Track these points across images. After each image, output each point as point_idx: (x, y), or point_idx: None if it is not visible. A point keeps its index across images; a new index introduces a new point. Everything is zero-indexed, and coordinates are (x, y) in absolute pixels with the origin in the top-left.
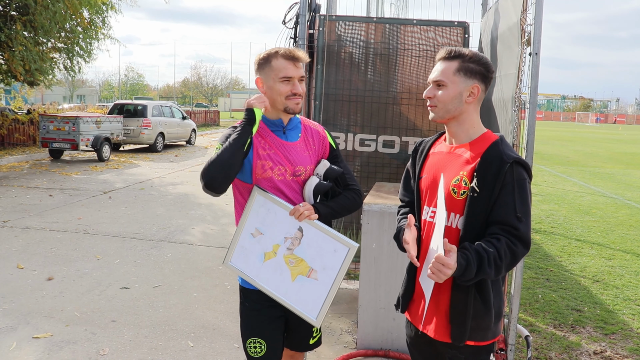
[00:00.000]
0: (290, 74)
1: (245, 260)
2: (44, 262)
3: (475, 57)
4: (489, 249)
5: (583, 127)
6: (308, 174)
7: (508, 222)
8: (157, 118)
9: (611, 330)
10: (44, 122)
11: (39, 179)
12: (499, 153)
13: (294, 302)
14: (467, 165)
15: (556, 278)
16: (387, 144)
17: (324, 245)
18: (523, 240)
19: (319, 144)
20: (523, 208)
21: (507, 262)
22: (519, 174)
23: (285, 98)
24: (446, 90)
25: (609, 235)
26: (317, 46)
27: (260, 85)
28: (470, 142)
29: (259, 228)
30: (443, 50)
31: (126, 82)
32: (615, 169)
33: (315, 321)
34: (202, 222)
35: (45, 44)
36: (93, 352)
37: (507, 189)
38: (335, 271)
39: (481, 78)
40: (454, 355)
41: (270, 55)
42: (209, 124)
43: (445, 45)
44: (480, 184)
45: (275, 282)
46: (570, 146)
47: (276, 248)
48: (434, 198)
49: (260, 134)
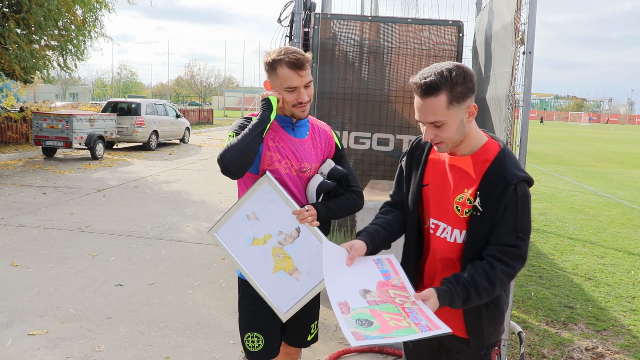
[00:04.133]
0: (294, 84)
1: (232, 237)
2: (39, 260)
3: (458, 78)
4: (478, 279)
5: (576, 127)
6: (313, 171)
7: (509, 242)
8: (150, 116)
9: (603, 326)
10: (37, 120)
11: (33, 177)
12: (502, 172)
13: (267, 291)
14: (470, 183)
15: (549, 275)
16: (382, 141)
17: (317, 254)
18: (522, 258)
19: (326, 143)
20: (525, 226)
21: (500, 285)
22: (523, 192)
23: (292, 107)
24: (447, 127)
25: (601, 233)
26: (312, 44)
27: (268, 88)
28: (472, 154)
29: (256, 213)
30: (419, 87)
31: (119, 81)
32: (607, 168)
33: (284, 315)
34: (196, 219)
35: (38, 42)
36: (89, 348)
37: (510, 209)
38: (318, 279)
39: (472, 94)
40: (461, 349)
41: (275, 62)
42: (202, 123)
43: (439, 44)
44: (484, 205)
45: (256, 267)
46: (563, 145)
47: (267, 237)
48: (439, 211)
49: (271, 127)
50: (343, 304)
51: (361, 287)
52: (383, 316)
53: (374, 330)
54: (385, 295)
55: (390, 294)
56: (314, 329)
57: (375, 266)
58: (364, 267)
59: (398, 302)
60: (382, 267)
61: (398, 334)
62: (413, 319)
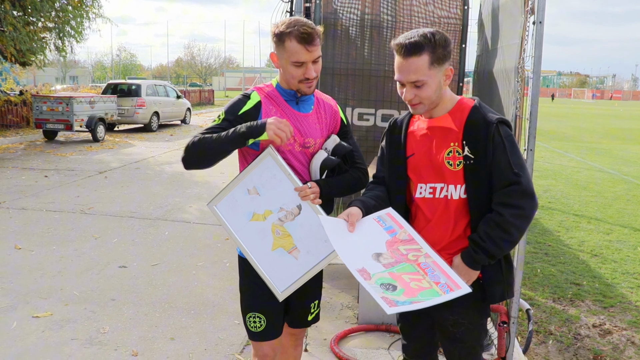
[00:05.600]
0: (302, 59)
1: (231, 211)
2: (42, 242)
3: (440, 42)
4: (491, 232)
5: (579, 104)
6: (317, 147)
7: (507, 181)
8: (151, 97)
9: (610, 303)
10: (37, 103)
11: (34, 160)
12: (481, 116)
13: (265, 269)
14: (454, 136)
15: (554, 252)
16: (386, 117)
17: (316, 232)
18: (526, 193)
19: (331, 118)
20: (518, 162)
21: (517, 229)
22: (505, 131)
23: (298, 82)
24: (427, 87)
25: (606, 210)
26: (314, 19)
27: (275, 60)
28: (449, 112)
29: (257, 187)
30: (402, 46)
31: (119, 63)
32: (612, 145)
33: (280, 294)
34: (199, 200)
35: (35, 24)
36: (93, 330)
37: (499, 149)
38: (317, 259)
39: (449, 58)
40: (456, 322)
41: (284, 34)
42: (203, 103)
43: (444, 17)
44: (473, 151)
45: (254, 243)
46: (566, 122)
47: (267, 213)
48: (434, 173)
49: (273, 101)
50: (362, 271)
51: (372, 251)
52: (403, 278)
53: (400, 294)
54: (397, 254)
55: (402, 252)
56: (314, 308)
57: (378, 225)
58: (368, 230)
59: (412, 259)
60: (385, 224)
61: (423, 297)
62: (432, 277)
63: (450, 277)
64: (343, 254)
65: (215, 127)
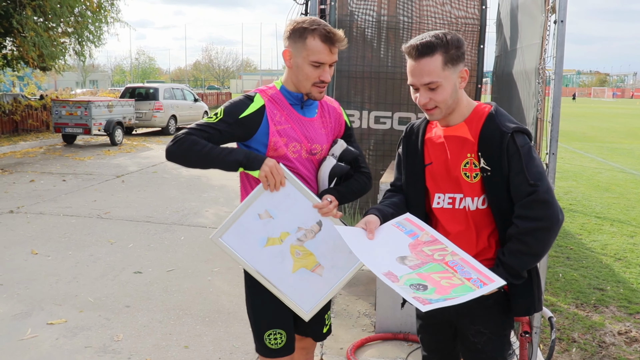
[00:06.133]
0: (322, 60)
1: (240, 240)
2: (58, 248)
3: (453, 42)
4: (512, 246)
5: (599, 103)
6: (323, 153)
7: (524, 193)
8: (168, 101)
9: (635, 309)
10: (57, 108)
11: (53, 164)
12: (496, 126)
13: (288, 292)
14: (470, 147)
15: (576, 256)
16: (403, 121)
17: (341, 245)
18: (544, 202)
19: (336, 122)
20: (535, 172)
21: (538, 241)
22: (522, 141)
23: (312, 84)
24: (442, 89)
25: (629, 212)
26: (329, 22)
27: (287, 57)
28: (465, 120)
29: (269, 211)
30: (414, 48)
31: (138, 66)
32: (634, 145)
33: (307, 314)
34: (215, 204)
35: (55, 29)
36: (107, 338)
37: (515, 159)
38: (344, 272)
39: (463, 59)
40: (478, 331)
41: (307, 31)
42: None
43: (461, 17)
44: (489, 163)
45: (272, 268)
46: (586, 122)
47: (284, 236)
48: (451, 184)
49: (278, 105)
50: (389, 274)
51: (396, 255)
52: (432, 277)
53: (432, 293)
54: (423, 255)
55: (427, 253)
56: (328, 319)
57: (398, 230)
58: (388, 236)
59: (438, 258)
60: (405, 228)
61: (457, 294)
62: (462, 274)
63: (482, 271)
64: (367, 260)
65: (210, 127)
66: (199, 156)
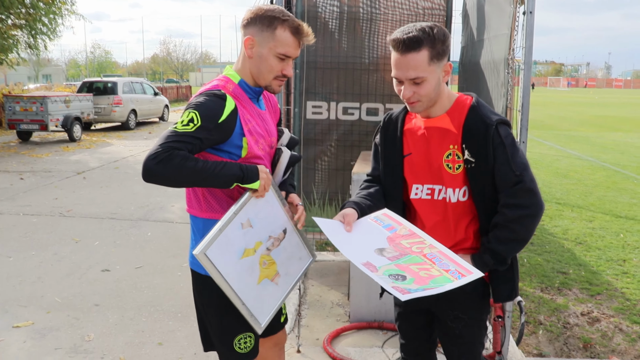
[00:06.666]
0: (289, 54)
1: (223, 254)
2: (19, 248)
3: (439, 36)
4: (498, 233)
5: (555, 92)
6: (275, 145)
7: (510, 182)
8: (128, 95)
9: (596, 291)
10: (10, 103)
11: (8, 162)
12: (479, 118)
13: (250, 305)
14: (453, 138)
15: (540, 242)
16: (371, 111)
17: (295, 251)
18: (529, 191)
19: (275, 109)
20: (519, 162)
21: (524, 228)
22: (505, 132)
23: (273, 77)
24: (426, 83)
25: (587, 197)
26: (296, 13)
27: (248, 46)
28: (447, 112)
29: (251, 219)
30: (400, 42)
31: (93, 60)
32: (589, 132)
33: (261, 326)
34: (181, 198)
35: (4, 21)
36: (78, 338)
37: (499, 151)
38: (294, 279)
39: (448, 53)
40: (456, 317)
41: (276, 20)
42: (181, 100)
43: (428, 8)
44: (473, 154)
45: (242, 283)
46: (543, 110)
47: (258, 246)
48: (431, 175)
49: (242, 102)
50: (368, 264)
51: (374, 247)
52: (411, 268)
53: (411, 283)
54: (401, 247)
55: (405, 245)
56: (284, 309)
57: (376, 224)
58: (366, 229)
59: (416, 251)
60: (383, 222)
61: (435, 284)
62: (440, 266)
63: (459, 263)
64: (345, 250)
65: (191, 137)
66: (191, 175)
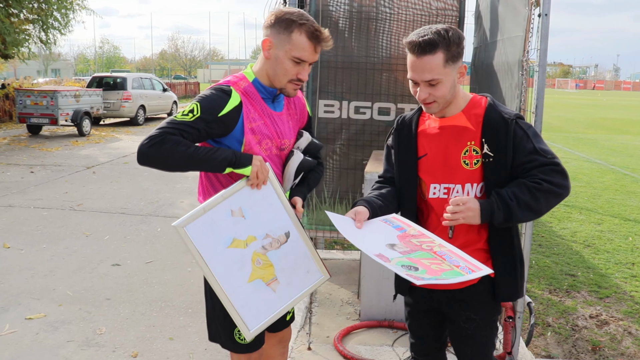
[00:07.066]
0: (305, 58)
1: (205, 235)
2: (31, 241)
3: (454, 39)
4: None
5: (563, 94)
6: (290, 147)
7: (541, 162)
8: (137, 90)
9: (605, 294)
10: (21, 97)
11: (19, 155)
12: (498, 114)
13: (237, 303)
14: (471, 135)
15: (548, 244)
16: (383, 111)
17: (301, 262)
18: (563, 173)
19: (300, 113)
20: (549, 151)
21: (546, 202)
22: (525, 124)
23: (288, 81)
24: (442, 85)
25: (596, 200)
26: (309, 11)
27: (266, 47)
28: (462, 110)
29: (244, 209)
30: (416, 44)
31: (102, 55)
32: (597, 135)
33: (250, 333)
34: (190, 194)
35: (17, 16)
36: (89, 331)
37: (524, 141)
38: (298, 292)
39: (463, 54)
40: (468, 318)
41: (294, 24)
42: (189, 96)
43: (440, 9)
44: (493, 149)
45: (228, 273)
46: (551, 112)
47: (250, 240)
48: (448, 174)
49: (251, 100)
50: (380, 256)
51: (385, 242)
52: (422, 262)
53: (424, 274)
54: (411, 244)
55: (415, 243)
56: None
57: (386, 225)
58: (377, 228)
59: (426, 248)
60: (393, 224)
61: (447, 276)
62: (450, 262)
63: (469, 261)
64: (358, 243)
65: (188, 126)
66: (183, 158)
